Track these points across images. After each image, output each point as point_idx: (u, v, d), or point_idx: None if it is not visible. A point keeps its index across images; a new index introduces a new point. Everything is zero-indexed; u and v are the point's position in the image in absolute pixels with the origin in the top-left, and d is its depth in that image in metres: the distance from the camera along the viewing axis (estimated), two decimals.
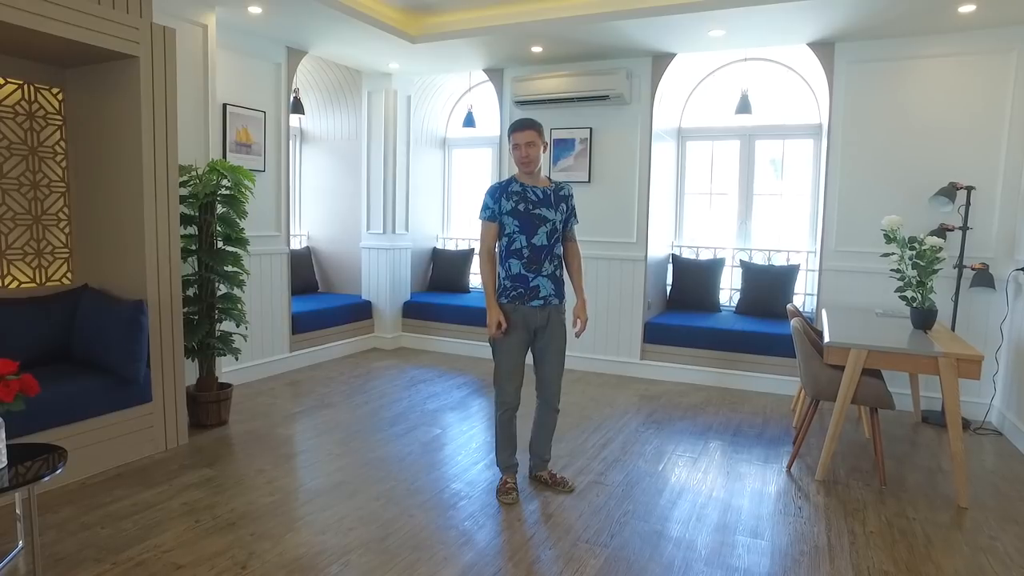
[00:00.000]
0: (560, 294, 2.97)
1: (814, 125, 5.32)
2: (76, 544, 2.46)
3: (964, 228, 4.16)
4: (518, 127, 2.88)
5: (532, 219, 2.86)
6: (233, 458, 3.37)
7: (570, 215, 3.03)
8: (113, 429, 3.15)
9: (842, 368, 3.19)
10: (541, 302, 2.88)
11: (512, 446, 3.03)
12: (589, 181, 5.40)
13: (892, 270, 3.64)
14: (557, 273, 2.95)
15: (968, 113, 4.26)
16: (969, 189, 4.14)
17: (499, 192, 2.90)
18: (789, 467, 3.40)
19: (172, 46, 3.31)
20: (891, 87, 4.44)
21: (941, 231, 4.17)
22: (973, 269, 4.15)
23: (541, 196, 2.90)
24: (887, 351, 3.07)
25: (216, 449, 3.49)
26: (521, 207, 2.86)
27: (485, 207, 2.91)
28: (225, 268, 3.83)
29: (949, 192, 4.14)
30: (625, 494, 3.04)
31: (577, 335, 3.05)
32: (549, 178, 3.02)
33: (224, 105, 4.52)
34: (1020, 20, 3.97)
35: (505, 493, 2.95)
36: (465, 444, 3.68)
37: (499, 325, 2.83)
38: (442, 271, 6.62)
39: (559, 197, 2.96)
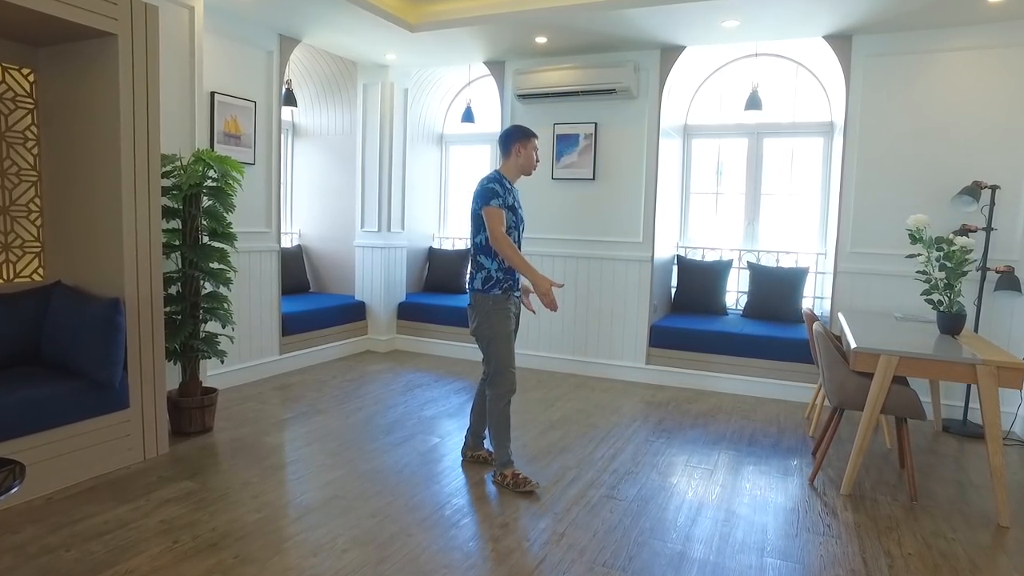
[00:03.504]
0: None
1: (824, 123, 5.14)
2: (34, 570, 2.21)
3: (988, 229, 3.98)
4: (534, 134, 3.11)
5: (518, 217, 3.11)
6: (217, 469, 3.13)
7: None
8: (85, 438, 2.90)
9: (870, 375, 2.99)
10: (519, 292, 3.15)
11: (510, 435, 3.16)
12: (594, 178, 5.19)
13: (918, 272, 3.44)
14: None
15: (993, 109, 4.09)
16: (994, 188, 3.96)
17: (503, 184, 3.03)
18: (812, 480, 3.20)
19: (154, 24, 3.07)
20: (911, 82, 4.26)
21: (963, 231, 3.99)
22: (997, 272, 3.97)
23: (518, 198, 3.14)
24: (920, 358, 2.87)
25: (199, 459, 3.24)
26: (515, 205, 3.09)
27: (495, 194, 2.97)
28: (211, 265, 3.58)
29: (973, 191, 3.96)
30: (640, 510, 2.83)
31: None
32: None
33: (212, 93, 4.28)
34: None
35: (525, 483, 2.98)
36: None
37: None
38: (438, 271, 6.40)
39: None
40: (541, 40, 4.78)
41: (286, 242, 6.03)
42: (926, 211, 4.11)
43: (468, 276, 3.13)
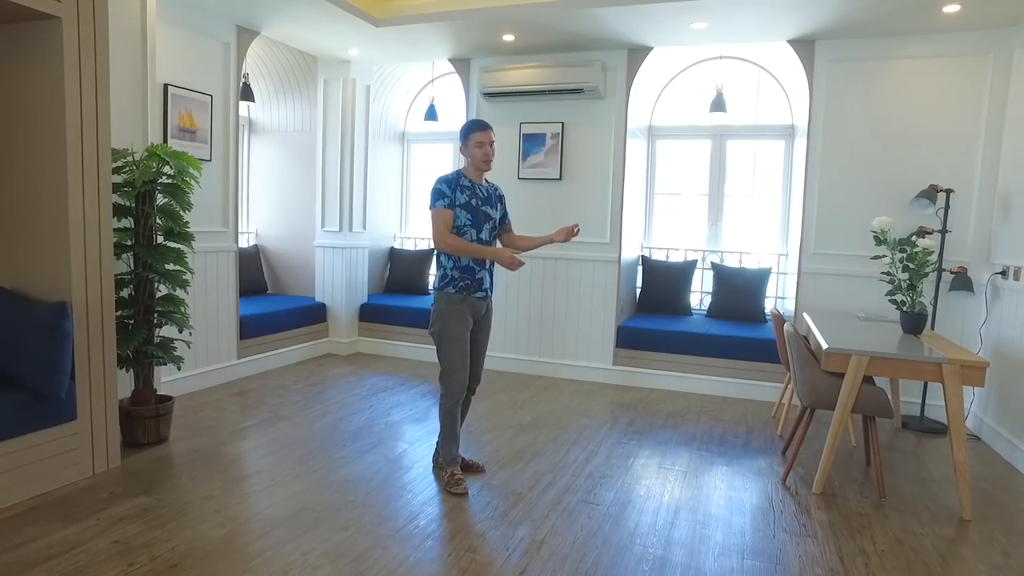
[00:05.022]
0: (493, 286, 3.13)
1: (786, 126, 5.24)
2: None
3: (943, 231, 4.12)
4: (483, 126, 3.01)
5: (480, 215, 2.99)
6: (174, 483, 2.95)
7: (506, 212, 3.21)
8: (27, 454, 2.69)
9: (841, 375, 3.03)
10: (483, 294, 3.04)
11: (458, 436, 3.09)
12: (560, 178, 5.16)
13: (883, 273, 3.52)
14: (492, 268, 3.09)
15: (946, 115, 4.23)
16: (948, 192, 4.10)
17: (453, 184, 2.96)
18: (784, 479, 3.23)
19: (103, 8, 2.87)
20: (871, 87, 4.37)
21: (921, 234, 4.11)
22: (952, 272, 4.10)
23: (486, 195, 3.06)
24: (889, 357, 2.93)
25: (154, 472, 3.06)
26: (473, 202, 2.98)
27: (441, 195, 2.93)
28: (166, 266, 3.39)
29: (930, 194, 4.08)
30: (619, 515, 2.79)
31: (574, 233, 3.05)
32: (485, 178, 3.13)
33: (165, 86, 4.06)
34: (999, 23, 3.95)
35: (456, 484, 2.96)
36: None
37: (514, 257, 2.88)
38: (400, 272, 6.26)
39: (496, 196, 3.14)
40: (509, 38, 4.72)
41: (243, 242, 5.81)
42: (886, 213, 4.22)
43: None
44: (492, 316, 3.17)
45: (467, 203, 2.94)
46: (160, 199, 3.40)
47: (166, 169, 3.35)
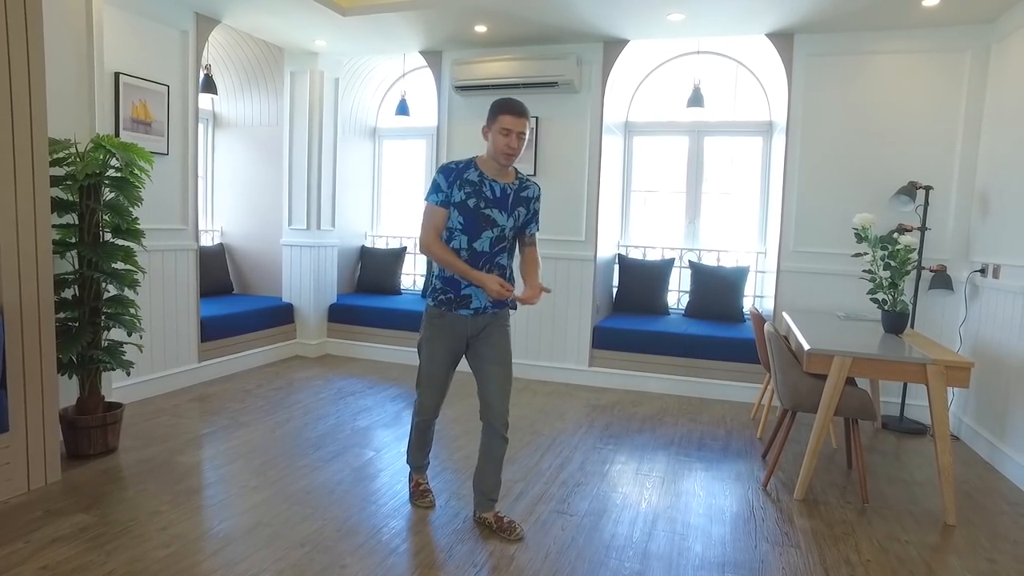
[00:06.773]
0: (500, 303, 2.52)
1: (763, 122, 5.16)
2: None
3: (923, 228, 4.06)
4: (517, 111, 2.38)
5: (479, 219, 2.43)
6: (120, 497, 2.75)
7: (531, 219, 2.59)
8: None
9: (822, 377, 2.93)
10: (471, 312, 2.50)
11: (427, 449, 2.84)
12: (534, 174, 5.02)
13: (864, 271, 3.44)
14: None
15: (924, 112, 4.17)
16: (927, 189, 4.04)
17: (454, 176, 2.44)
18: (765, 485, 3.12)
19: None
20: (850, 82, 4.30)
21: (900, 231, 4.04)
22: (932, 271, 4.05)
23: (498, 194, 2.46)
24: (872, 358, 2.83)
25: (98, 486, 2.85)
26: (471, 203, 2.42)
27: (436, 188, 2.45)
28: (114, 265, 3.18)
29: (910, 191, 4.02)
30: (593, 526, 2.66)
31: (516, 300, 2.46)
32: (516, 171, 2.55)
33: (116, 74, 3.84)
34: (977, 19, 3.89)
35: (421, 496, 2.79)
36: (403, 469, 3.18)
37: (503, 284, 2.37)
38: (371, 271, 6.08)
39: (520, 198, 2.51)
40: (481, 29, 4.57)
41: (207, 240, 5.58)
42: (865, 210, 4.12)
43: None
44: (505, 335, 2.55)
45: (463, 203, 2.41)
46: (107, 194, 3.18)
47: (113, 162, 3.14)
